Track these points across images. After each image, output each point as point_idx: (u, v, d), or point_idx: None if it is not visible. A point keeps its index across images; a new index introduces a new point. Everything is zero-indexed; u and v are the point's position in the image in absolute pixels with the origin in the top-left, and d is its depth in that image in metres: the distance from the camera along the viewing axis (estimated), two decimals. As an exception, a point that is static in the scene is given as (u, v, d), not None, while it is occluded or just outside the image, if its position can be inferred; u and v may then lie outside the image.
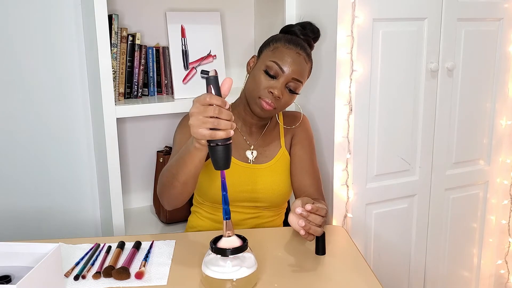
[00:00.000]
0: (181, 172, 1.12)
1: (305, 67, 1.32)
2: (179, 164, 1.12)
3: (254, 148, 1.39)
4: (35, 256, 0.94)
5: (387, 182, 1.61)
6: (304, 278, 1.08)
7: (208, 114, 0.95)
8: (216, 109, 0.94)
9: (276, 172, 1.37)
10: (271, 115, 1.36)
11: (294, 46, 1.31)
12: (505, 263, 1.92)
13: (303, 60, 1.31)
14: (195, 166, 1.11)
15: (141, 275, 1.06)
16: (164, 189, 1.20)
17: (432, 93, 1.62)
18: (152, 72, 1.69)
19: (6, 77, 1.67)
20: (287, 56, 1.29)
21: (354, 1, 1.42)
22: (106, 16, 1.42)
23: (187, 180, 1.14)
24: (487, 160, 1.80)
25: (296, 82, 1.30)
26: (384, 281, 1.15)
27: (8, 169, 1.73)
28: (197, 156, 1.08)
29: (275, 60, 1.28)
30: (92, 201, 1.85)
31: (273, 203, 1.38)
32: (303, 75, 1.31)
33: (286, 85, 1.29)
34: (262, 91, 1.28)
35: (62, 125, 1.77)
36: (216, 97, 0.95)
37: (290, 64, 1.28)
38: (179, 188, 1.16)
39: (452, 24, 1.60)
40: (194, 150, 1.06)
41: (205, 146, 1.03)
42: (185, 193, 1.18)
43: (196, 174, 1.14)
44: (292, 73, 1.28)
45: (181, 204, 1.23)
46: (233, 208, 1.36)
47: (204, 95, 0.96)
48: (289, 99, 1.32)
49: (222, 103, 0.95)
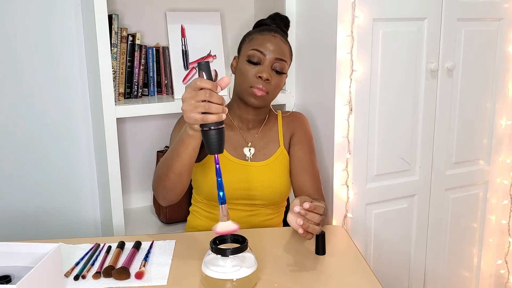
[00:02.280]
0: (175, 162, 1.13)
1: (284, 46, 1.36)
2: (173, 155, 1.13)
3: (251, 145, 1.39)
4: (35, 256, 0.94)
5: (387, 182, 1.61)
6: (304, 278, 1.08)
7: (199, 98, 0.97)
8: (207, 93, 0.96)
9: (274, 170, 1.37)
10: (266, 102, 1.37)
11: (268, 32, 1.37)
12: (505, 263, 1.92)
13: (280, 40, 1.35)
14: (189, 155, 1.11)
15: (141, 275, 1.06)
16: (159, 182, 1.20)
17: (432, 93, 1.62)
18: (152, 72, 1.69)
19: (6, 77, 1.67)
20: (264, 41, 1.34)
21: (354, 1, 1.42)
22: (106, 16, 1.42)
23: (182, 171, 1.14)
24: (487, 160, 1.80)
25: (281, 62, 1.34)
26: (384, 281, 1.15)
27: (8, 169, 1.73)
28: (191, 144, 1.09)
29: (255, 47, 1.33)
30: (92, 201, 1.85)
31: (270, 201, 1.38)
32: (284, 54, 1.35)
33: (272, 67, 1.33)
34: (251, 79, 1.31)
35: (62, 125, 1.77)
36: (207, 80, 0.97)
37: (269, 46, 1.33)
38: (173, 180, 1.16)
39: (452, 24, 1.60)
40: (188, 138, 1.07)
41: (198, 132, 1.04)
42: (179, 185, 1.18)
43: (190, 165, 1.14)
44: (274, 54, 1.32)
45: (175, 199, 1.23)
46: (231, 206, 1.36)
47: (195, 80, 0.98)
48: (279, 81, 1.35)
49: (213, 86, 0.97)
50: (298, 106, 1.69)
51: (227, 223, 1.02)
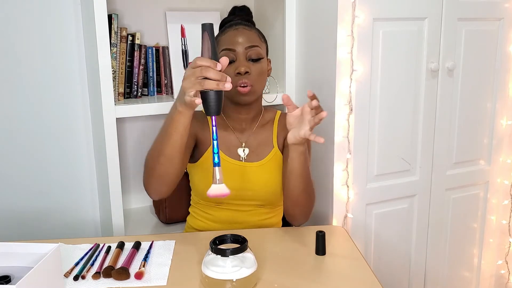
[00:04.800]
0: (166, 145, 1.11)
1: (250, 33, 1.35)
2: (163, 138, 1.12)
3: (245, 145, 1.39)
4: (34, 256, 0.94)
5: (387, 182, 1.61)
6: (304, 278, 1.08)
7: (197, 75, 0.98)
8: (203, 70, 0.98)
9: (268, 171, 1.37)
10: (255, 96, 1.36)
11: (229, 28, 1.36)
12: (506, 263, 1.92)
13: (243, 29, 1.34)
14: (180, 134, 1.10)
15: (140, 275, 1.06)
16: (150, 172, 1.18)
17: (433, 93, 1.62)
18: (152, 72, 1.69)
19: (6, 76, 1.67)
20: (229, 37, 1.33)
21: (354, 1, 1.42)
22: (106, 15, 1.42)
23: (173, 154, 1.12)
24: (488, 160, 1.80)
25: (252, 48, 1.32)
26: (384, 281, 1.15)
27: (8, 169, 1.73)
28: (181, 122, 1.07)
29: (223, 48, 1.33)
30: (92, 201, 1.85)
31: (265, 201, 1.37)
32: (253, 39, 1.34)
33: (247, 58, 1.32)
34: (233, 79, 1.30)
35: (62, 125, 1.77)
36: (205, 59, 0.99)
37: (235, 40, 1.32)
38: (165, 165, 1.14)
39: (453, 23, 1.60)
40: (178, 115, 1.06)
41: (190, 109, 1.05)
42: (170, 171, 1.15)
43: (182, 146, 1.12)
44: (242, 45, 1.32)
45: (166, 189, 1.20)
46: (227, 206, 1.37)
47: (195, 59, 0.99)
48: (259, 67, 1.34)
49: (211, 64, 0.98)
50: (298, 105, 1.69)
51: (220, 186, 1.02)
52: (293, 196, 1.28)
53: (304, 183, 1.26)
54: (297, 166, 1.24)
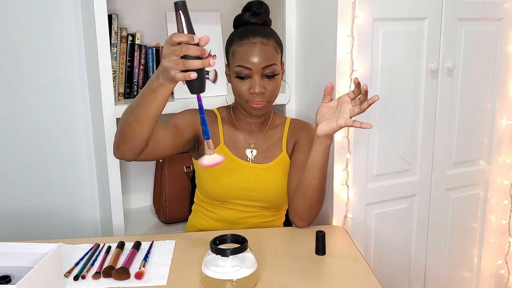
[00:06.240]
0: (140, 110, 1.09)
1: (267, 49, 1.30)
2: (139, 104, 1.09)
3: (254, 147, 1.39)
4: (35, 256, 0.94)
5: (387, 182, 1.61)
6: (304, 278, 1.08)
7: (177, 54, 0.96)
8: (183, 47, 0.95)
9: (275, 174, 1.37)
10: (268, 109, 1.36)
11: (246, 39, 1.30)
12: (506, 263, 1.92)
13: (260, 45, 1.29)
14: (157, 104, 1.08)
15: (141, 275, 1.06)
16: (120, 128, 1.15)
17: (432, 93, 1.62)
18: (152, 72, 1.68)
19: (6, 76, 1.67)
20: (245, 53, 1.29)
21: (354, 1, 1.42)
22: (106, 16, 1.42)
23: (144, 119, 1.10)
24: (488, 160, 1.80)
25: (269, 67, 1.29)
26: (384, 281, 1.15)
27: (8, 169, 1.73)
28: (162, 93, 1.05)
29: (239, 64, 1.29)
30: (92, 201, 1.85)
31: (270, 203, 1.37)
32: (270, 58, 1.30)
33: (262, 76, 1.30)
34: (245, 95, 1.30)
35: (62, 125, 1.77)
36: (182, 34, 0.96)
37: (252, 58, 1.28)
38: (134, 126, 1.11)
39: (453, 24, 1.60)
40: (160, 87, 1.04)
41: (172, 82, 1.02)
42: (136, 135, 1.12)
43: (155, 115, 1.10)
44: (259, 64, 1.28)
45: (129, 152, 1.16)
46: (231, 206, 1.36)
47: (171, 35, 0.97)
48: (274, 84, 1.32)
49: (189, 38, 0.96)
50: (298, 106, 1.69)
51: (212, 156, 1.03)
52: (307, 193, 1.27)
53: (321, 180, 1.27)
54: (320, 159, 1.25)
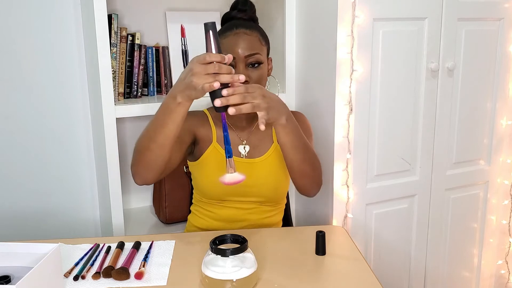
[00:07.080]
0: (159, 133, 1.11)
1: (250, 39, 1.31)
2: (157, 126, 1.11)
3: (246, 143, 1.39)
4: (34, 256, 0.94)
5: (387, 182, 1.61)
6: (304, 278, 1.08)
7: (209, 71, 0.99)
8: (216, 66, 0.99)
9: (270, 166, 1.37)
10: None
11: (229, 31, 1.32)
12: (506, 263, 1.92)
13: (243, 35, 1.31)
14: (176, 125, 1.10)
15: (140, 275, 1.06)
16: (139, 156, 1.17)
17: (433, 93, 1.62)
18: (152, 72, 1.69)
19: (6, 76, 1.67)
20: (228, 43, 1.30)
21: (354, 1, 1.42)
22: (105, 15, 1.42)
23: (165, 142, 1.12)
24: (488, 160, 1.80)
25: (253, 56, 1.30)
26: (384, 281, 1.15)
27: (8, 169, 1.73)
28: (180, 113, 1.08)
29: None
30: (92, 201, 1.85)
31: (266, 197, 1.37)
32: (252, 46, 1.31)
33: (247, 65, 1.30)
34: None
35: (62, 125, 1.77)
36: (215, 54, 1.00)
37: (234, 48, 1.29)
38: (155, 152, 1.14)
39: (453, 24, 1.60)
40: (177, 106, 1.06)
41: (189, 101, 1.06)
42: (159, 159, 1.15)
43: (175, 136, 1.12)
44: (242, 53, 1.29)
45: (152, 177, 1.19)
46: (229, 204, 1.36)
47: (203, 55, 1.01)
48: (259, 73, 1.32)
49: (221, 59, 1.00)
50: (298, 105, 1.69)
51: (233, 174, 1.05)
52: (295, 168, 1.27)
53: (301, 153, 1.24)
54: (285, 139, 1.21)
